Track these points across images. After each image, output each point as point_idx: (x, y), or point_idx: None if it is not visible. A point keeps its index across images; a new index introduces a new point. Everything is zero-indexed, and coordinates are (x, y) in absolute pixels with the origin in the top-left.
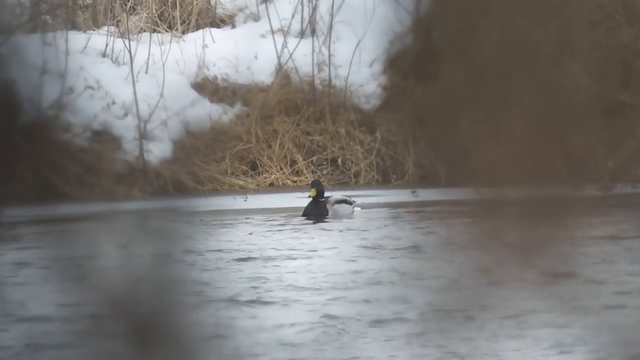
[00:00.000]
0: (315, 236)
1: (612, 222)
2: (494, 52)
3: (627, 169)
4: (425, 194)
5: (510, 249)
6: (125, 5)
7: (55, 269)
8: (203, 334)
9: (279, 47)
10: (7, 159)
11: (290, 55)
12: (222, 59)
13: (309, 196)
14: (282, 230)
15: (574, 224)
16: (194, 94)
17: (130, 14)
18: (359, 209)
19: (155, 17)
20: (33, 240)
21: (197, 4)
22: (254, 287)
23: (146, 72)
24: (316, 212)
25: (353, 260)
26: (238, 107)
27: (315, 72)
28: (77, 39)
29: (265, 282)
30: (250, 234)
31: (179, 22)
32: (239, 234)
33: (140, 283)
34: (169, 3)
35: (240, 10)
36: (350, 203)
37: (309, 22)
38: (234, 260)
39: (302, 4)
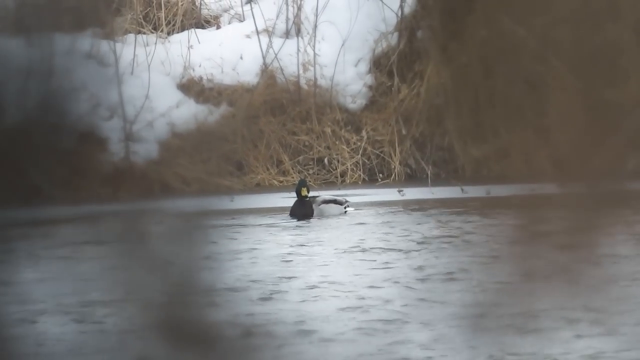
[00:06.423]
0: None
1: None
2: (479, 50)
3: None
4: (412, 193)
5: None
6: (110, 6)
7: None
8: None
9: (264, 47)
10: None
11: (276, 55)
12: (208, 60)
13: (304, 196)
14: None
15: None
16: (179, 94)
17: (115, 16)
18: (351, 209)
19: (140, 18)
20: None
21: (182, 5)
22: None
23: (131, 74)
24: (302, 212)
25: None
26: (224, 108)
27: (301, 72)
28: (61, 40)
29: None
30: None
31: (164, 23)
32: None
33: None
34: (154, 4)
35: (225, 11)
36: (341, 203)
37: (293, 22)
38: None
39: (286, 4)
